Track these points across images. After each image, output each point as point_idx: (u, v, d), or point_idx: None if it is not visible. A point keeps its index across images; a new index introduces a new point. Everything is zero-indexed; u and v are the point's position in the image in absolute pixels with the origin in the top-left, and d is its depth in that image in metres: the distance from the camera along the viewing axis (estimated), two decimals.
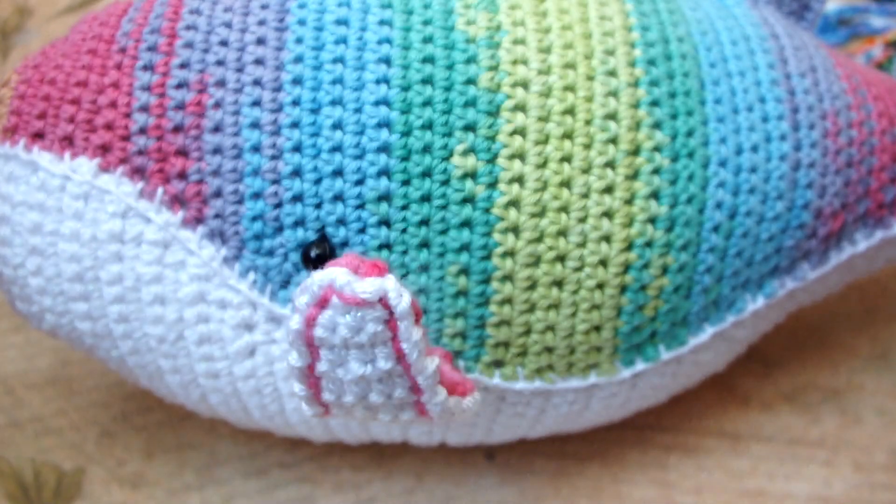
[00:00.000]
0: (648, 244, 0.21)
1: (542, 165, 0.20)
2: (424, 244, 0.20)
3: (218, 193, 0.20)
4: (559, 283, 0.20)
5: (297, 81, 0.20)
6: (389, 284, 0.16)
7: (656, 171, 0.21)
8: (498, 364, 0.21)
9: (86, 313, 0.21)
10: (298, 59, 0.20)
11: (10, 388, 0.28)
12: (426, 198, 0.20)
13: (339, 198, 0.20)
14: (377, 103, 0.20)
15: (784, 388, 0.28)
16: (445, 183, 0.20)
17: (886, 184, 0.23)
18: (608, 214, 0.20)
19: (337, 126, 0.20)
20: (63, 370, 0.28)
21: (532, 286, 0.20)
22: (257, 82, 0.20)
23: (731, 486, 0.26)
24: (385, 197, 0.20)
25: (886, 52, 0.37)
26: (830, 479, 0.26)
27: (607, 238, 0.20)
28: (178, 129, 0.20)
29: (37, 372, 0.28)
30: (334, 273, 0.16)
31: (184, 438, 0.27)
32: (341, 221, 0.20)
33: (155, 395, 0.26)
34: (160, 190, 0.20)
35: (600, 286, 0.20)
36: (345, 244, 0.20)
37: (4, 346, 0.29)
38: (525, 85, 0.20)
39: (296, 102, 0.20)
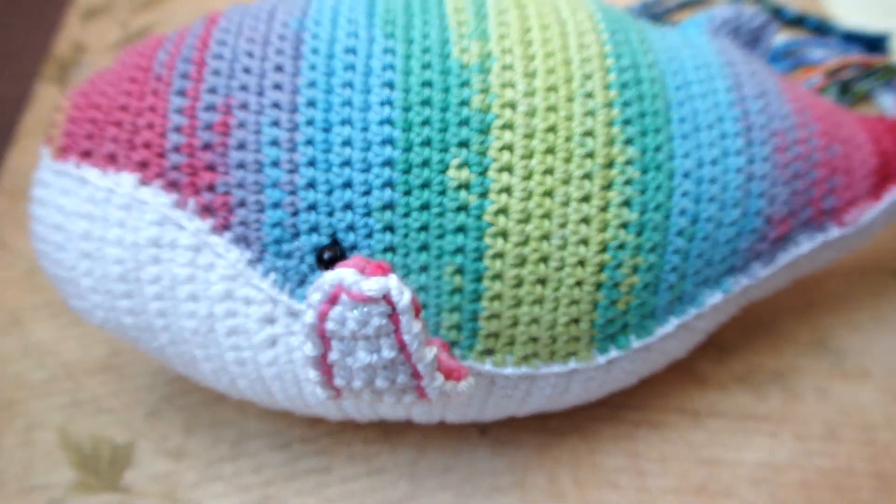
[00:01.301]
0: (621, 247, 0.20)
1: (528, 177, 0.19)
2: (424, 247, 0.19)
3: (242, 203, 0.19)
4: (543, 281, 0.19)
5: (311, 104, 0.19)
6: (392, 283, 0.16)
7: (628, 182, 0.20)
8: (489, 352, 0.20)
9: (129, 309, 0.20)
10: (312, 84, 0.19)
11: (71, 373, 0.27)
12: (425, 206, 0.19)
13: (348, 207, 0.19)
14: (382, 123, 0.19)
15: (736, 370, 0.27)
16: (442, 193, 0.19)
17: (826, 194, 0.23)
18: (585, 220, 0.19)
19: (346, 143, 0.19)
20: (116, 358, 0.27)
21: (519, 284, 0.19)
22: (276, 105, 0.19)
23: (691, 456, 0.25)
24: (389, 206, 0.19)
25: (825, 80, 0.37)
26: (775, 448, 0.25)
27: (585, 241, 0.19)
28: (206, 146, 0.19)
29: (93, 359, 0.27)
30: (343, 273, 0.16)
31: (218, 417, 0.26)
32: (351, 228, 0.19)
33: (192, 380, 0.26)
34: (192, 201, 0.19)
35: (578, 284, 0.20)
36: (354, 247, 0.19)
37: (66, 338, 0.28)
38: (512, 106, 0.19)
39: (310, 122, 0.19)
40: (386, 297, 0.16)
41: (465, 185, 0.19)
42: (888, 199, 0.24)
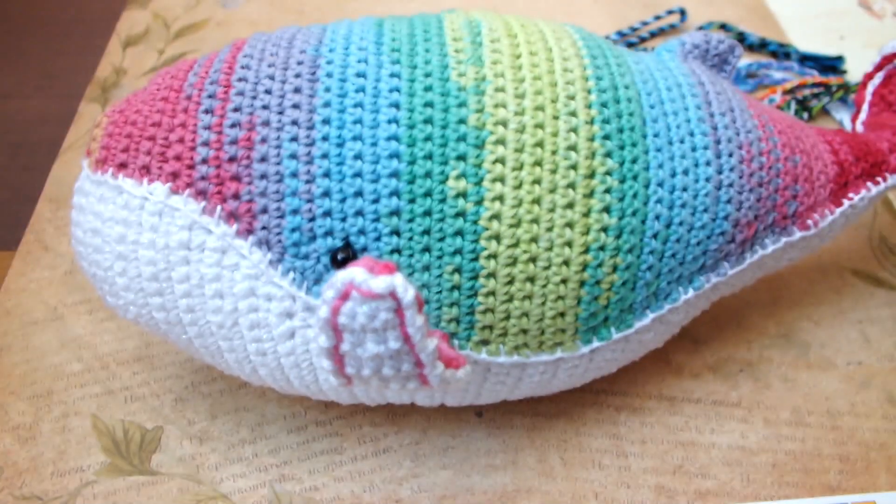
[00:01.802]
0: (602, 248, 0.20)
1: (518, 187, 0.19)
2: (426, 249, 0.19)
3: (264, 210, 0.19)
4: (532, 279, 0.20)
5: (326, 122, 0.19)
6: (398, 281, 0.16)
7: (608, 191, 0.20)
8: (484, 343, 0.20)
9: (160, 305, 0.20)
10: (327, 105, 0.20)
11: (105, 364, 0.27)
12: (428, 213, 0.19)
13: (359, 213, 0.19)
14: (389, 139, 0.19)
15: (709, 360, 0.27)
16: (443, 201, 0.19)
17: (789, 199, 0.23)
18: (570, 225, 0.20)
19: (358, 157, 0.19)
20: (146, 350, 0.28)
21: (510, 282, 0.20)
22: (295, 122, 0.20)
23: (668, 438, 0.25)
24: (396, 212, 0.19)
25: (784, 98, 0.37)
26: (746, 432, 0.25)
27: (569, 243, 0.20)
28: (232, 159, 0.19)
29: (126, 351, 0.28)
30: (354, 272, 0.16)
31: (240, 403, 0.26)
32: (361, 232, 0.19)
33: (216, 370, 0.26)
34: (219, 208, 0.19)
35: (564, 281, 0.20)
36: (364, 249, 0.19)
37: (101, 332, 0.28)
38: (504, 123, 0.20)
39: (325, 138, 0.19)
40: (392, 294, 0.16)
41: (463, 194, 0.19)
42: (847, 204, 0.24)
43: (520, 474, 0.24)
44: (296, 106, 0.20)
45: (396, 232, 0.19)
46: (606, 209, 0.20)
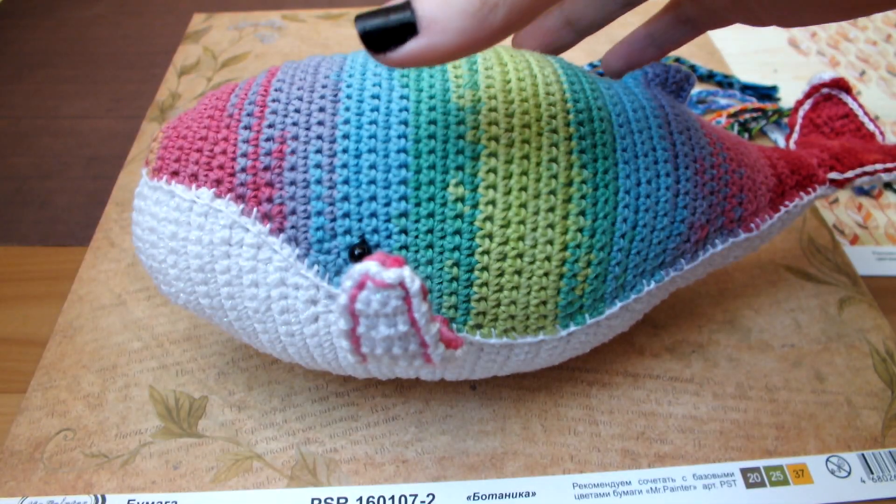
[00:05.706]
0: (578, 246, 0.20)
1: (508, 193, 0.19)
2: (430, 246, 0.19)
3: (293, 212, 0.19)
4: (519, 272, 0.19)
5: (346, 136, 0.19)
6: (406, 273, 0.15)
7: (583, 197, 0.20)
8: (478, 326, 0.20)
9: (206, 293, 0.20)
10: (346, 122, 0.19)
11: (160, 343, 0.27)
12: (431, 215, 0.19)
13: (373, 215, 0.19)
14: (399, 151, 0.19)
15: (667, 342, 0.27)
16: (444, 205, 0.19)
17: (735, 206, 0.22)
18: (551, 226, 0.19)
19: (372, 167, 0.19)
20: (194, 331, 0.27)
21: (501, 274, 0.19)
22: (319, 137, 0.19)
23: (632, 409, 0.25)
24: (404, 214, 0.19)
25: (729, 121, 0.37)
26: (698, 404, 0.25)
27: (550, 242, 0.19)
28: (266, 168, 0.19)
29: (178, 332, 0.27)
30: (369, 265, 0.15)
31: (272, 377, 0.26)
32: (375, 231, 0.19)
33: (252, 348, 0.26)
34: (255, 210, 0.19)
35: (546, 274, 0.19)
36: (377, 246, 0.19)
37: (157, 315, 0.28)
38: (496, 138, 0.19)
39: (345, 151, 0.19)
40: (401, 284, 0.15)
41: (461, 199, 0.19)
42: (783, 210, 0.24)
43: (507, 439, 0.24)
44: (320, 123, 0.19)
45: (405, 231, 0.19)
46: (582, 213, 0.20)
